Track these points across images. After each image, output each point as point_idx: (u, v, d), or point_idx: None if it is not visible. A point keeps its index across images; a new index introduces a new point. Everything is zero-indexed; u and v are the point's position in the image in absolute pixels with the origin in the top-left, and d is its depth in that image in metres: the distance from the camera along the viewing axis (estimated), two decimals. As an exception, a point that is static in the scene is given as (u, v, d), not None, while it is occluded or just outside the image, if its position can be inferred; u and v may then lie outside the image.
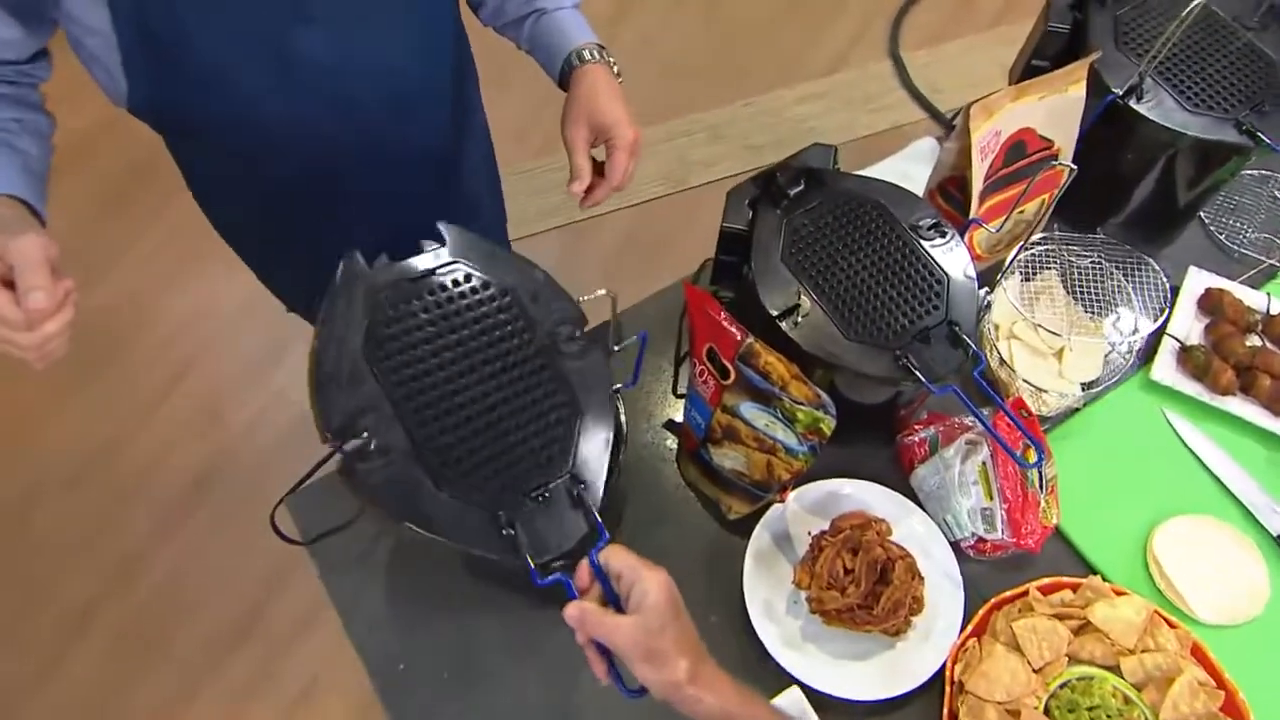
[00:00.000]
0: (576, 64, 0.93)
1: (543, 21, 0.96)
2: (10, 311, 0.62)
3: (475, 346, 0.69)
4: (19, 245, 0.63)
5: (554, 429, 0.69)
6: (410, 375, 0.67)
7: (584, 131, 0.91)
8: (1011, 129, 0.96)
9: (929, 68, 2.51)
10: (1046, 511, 0.94)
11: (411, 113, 0.92)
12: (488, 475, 0.66)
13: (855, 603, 0.89)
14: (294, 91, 0.81)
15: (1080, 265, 1.07)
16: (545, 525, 0.66)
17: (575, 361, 0.71)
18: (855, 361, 0.84)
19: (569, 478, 0.68)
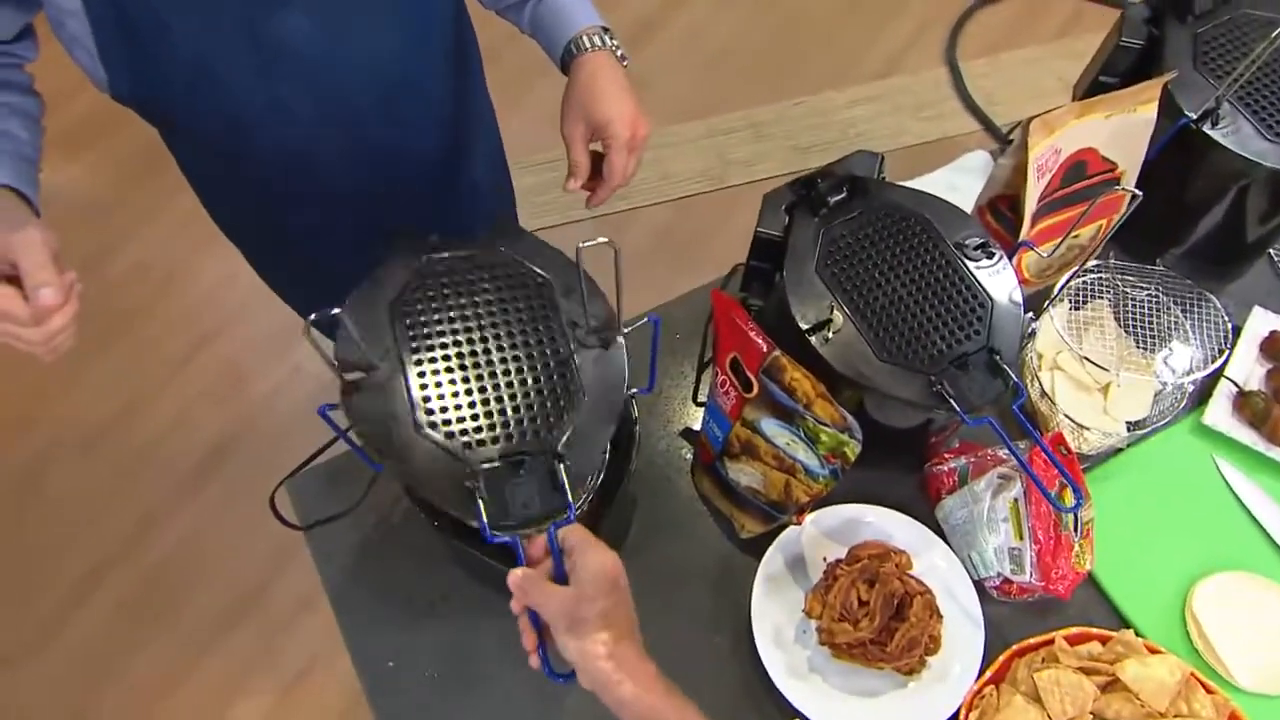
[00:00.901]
0: (576, 52, 0.87)
1: (545, 4, 0.90)
2: (17, 308, 0.61)
3: (495, 323, 0.71)
4: (22, 240, 0.62)
5: (551, 405, 0.68)
6: (425, 333, 0.69)
7: (581, 127, 0.85)
8: (1073, 148, 0.90)
9: (986, 78, 2.42)
10: (1080, 556, 0.88)
11: (401, 108, 0.88)
12: (470, 434, 0.66)
13: (868, 637, 0.84)
14: (277, 84, 0.78)
15: (1135, 297, 1.01)
16: (513, 492, 0.64)
17: (590, 353, 0.71)
18: (887, 384, 0.79)
19: (552, 455, 0.66)
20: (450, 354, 0.69)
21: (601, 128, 0.85)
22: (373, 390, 0.66)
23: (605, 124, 0.84)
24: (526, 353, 0.70)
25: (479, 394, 0.67)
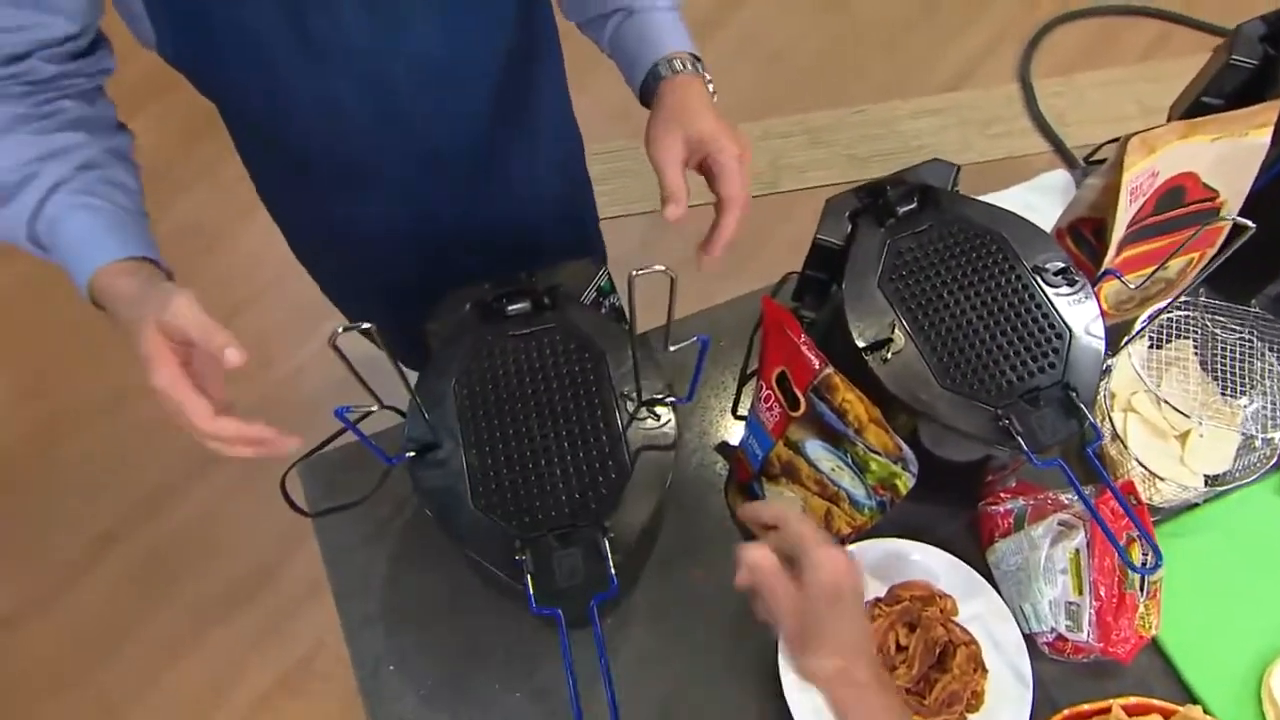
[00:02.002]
0: (666, 74, 0.77)
1: (630, 22, 0.81)
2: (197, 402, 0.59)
3: (551, 400, 0.73)
4: (180, 309, 0.57)
5: (599, 484, 0.69)
6: (484, 412, 0.72)
7: (677, 147, 0.73)
8: (1172, 171, 0.82)
9: (1059, 97, 2.32)
10: (1145, 619, 0.80)
11: (451, 104, 0.82)
12: (522, 505, 0.68)
13: (905, 686, 0.78)
14: (324, 74, 0.73)
15: (1225, 339, 0.92)
16: (559, 563, 0.65)
17: (642, 430, 0.71)
18: (948, 414, 0.73)
19: (598, 527, 0.67)
20: (509, 431, 0.71)
21: (705, 143, 0.73)
22: (435, 465, 0.70)
23: (711, 138, 0.73)
24: (581, 426, 0.71)
25: (533, 470, 0.69)
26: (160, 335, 0.58)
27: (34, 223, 0.65)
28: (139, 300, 0.60)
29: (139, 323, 0.59)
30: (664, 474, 0.69)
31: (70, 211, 0.64)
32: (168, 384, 0.58)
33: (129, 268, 0.64)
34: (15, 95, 0.64)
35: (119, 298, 0.62)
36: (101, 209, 0.65)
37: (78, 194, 0.65)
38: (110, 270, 0.63)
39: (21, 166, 0.64)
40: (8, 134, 0.64)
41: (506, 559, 0.65)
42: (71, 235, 0.64)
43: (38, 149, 0.64)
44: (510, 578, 0.65)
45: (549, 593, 0.64)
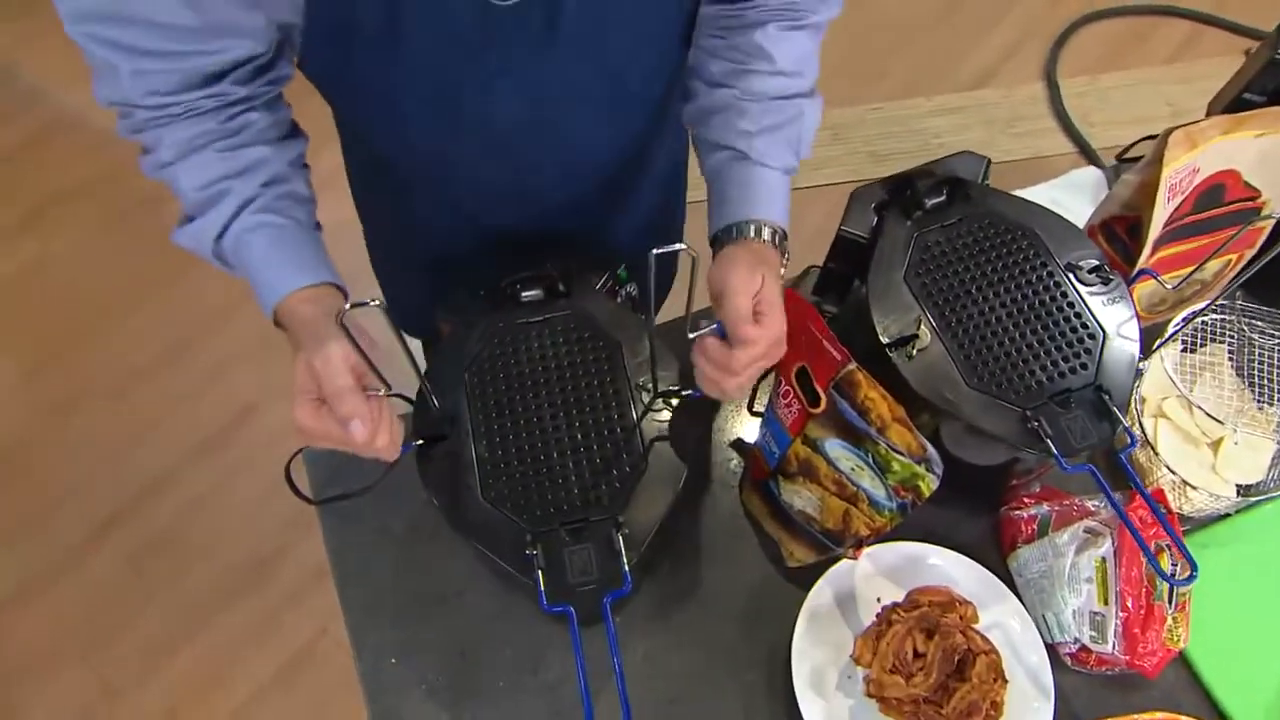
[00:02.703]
0: (752, 236, 0.71)
1: (739, 166, 0.74)
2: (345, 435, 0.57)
3: (564, 389, 0.71)
4: (324, 363, 0.57)
5: (613, 477, 0.67)
6: (495, 402, 0.70)
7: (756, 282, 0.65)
8: (1213, 168, 0.79)
9: (1085, 97, 2.28)
10: (1173, 631, 0.77)
11: (576, 176, 0.81)
12: (533, 498, 0.66)
13: (922, 695, 0.75)
14: (463, 142, 0.73)
15: (1262, 345, 0.89)
16: (571, 559, 0.63)
17: (657, 422, 0.69)
18: (974, 414, 0.70)
19: (612, 521, 0.65)
20: (520, 421, 0.69)
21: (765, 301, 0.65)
22: (444, 456, 0.68)
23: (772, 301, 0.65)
24: (594, 418, 0.69)
25: (545, 462, 0.67)
26: (305, 370, 0.58)
27: (220, 241, 0.66)
28: (310, 332, 0.60)
29: (299, 350, 0.60)
30: (679, 468, 0.67)
31: (255, 233, 0.65)
32: (306, 418, 0.57)
33: (310, 295, 0.64)
34: (206, 111, 0.64)
35: (300, 325, 0.62)
36: (285, 228, 0.66)
37: (263, 213, 0.65)
38: (294, 298, 0.64)
39: (211, 184, 0.65)
40: (198, 152, 0.64)
41: (517, 554, 0.63)
42: (257, 259, 0.65)
43: (226, 166, 0.65)
44: (521, 573, 0.63)
45: (560, 589, 0.62)
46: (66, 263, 2.05)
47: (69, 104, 2.29)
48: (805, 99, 0.75)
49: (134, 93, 0.61)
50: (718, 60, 0.75)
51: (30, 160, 2.20)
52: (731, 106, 0.74)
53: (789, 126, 0.74)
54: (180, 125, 0.64)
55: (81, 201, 2.13)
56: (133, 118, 0.64)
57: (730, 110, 0.74)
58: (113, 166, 2.17)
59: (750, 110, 0.73)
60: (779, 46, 0.72)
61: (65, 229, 2.10)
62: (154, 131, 0.64)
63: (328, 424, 0.56)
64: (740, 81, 0.74)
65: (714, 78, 0.75)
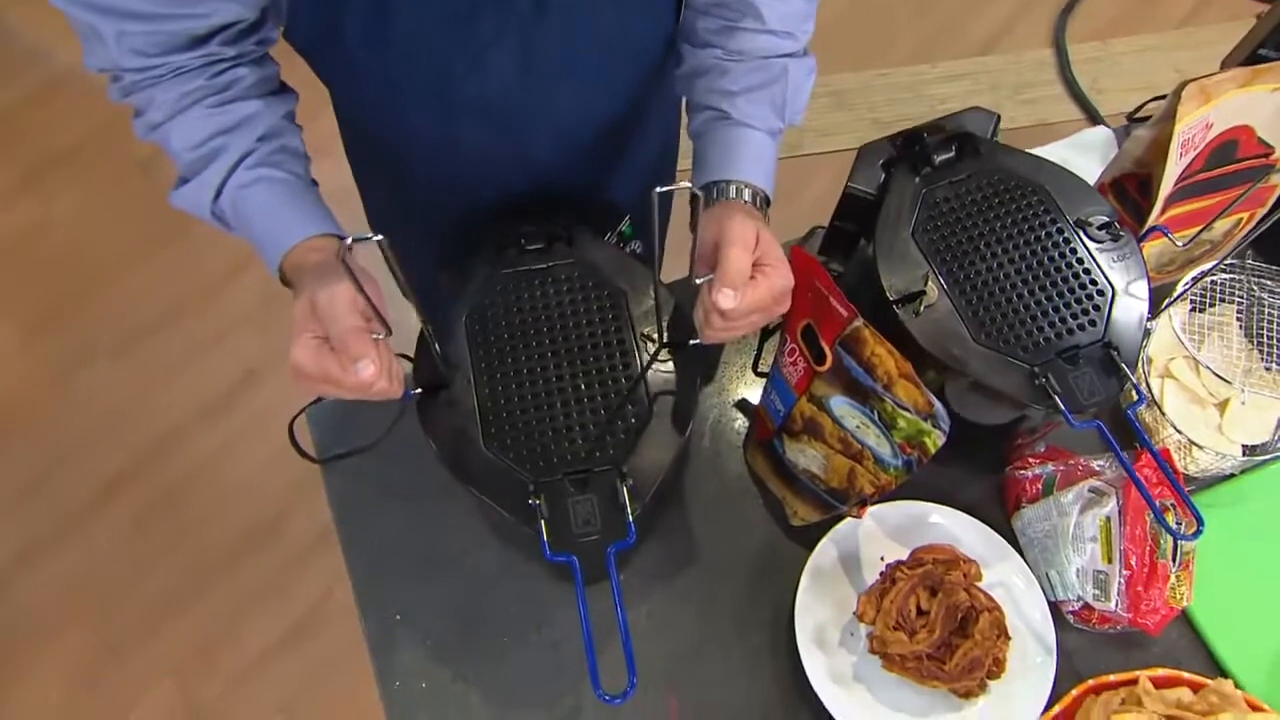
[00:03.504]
0: (735, 198, 0.69)
1: (719, 127, 0.73)
2: (345, 377, 0.56)
3: (567, 338, 0.70)
4: (331, 303, 0.55)
5: (617, 428, 0.66)
6: (497, 349, 0.69)
7: (752, 236, 0.62)
8: (1227, 124, 0.78)
9: (1094, 63, 2.25)
10: (1176, 590, 0.78)
11: (581, 153, 0.81)
12: (536, 448, 0.65)
13: (925, 651, 0.75)
14: (457, 118, 0.73)
15: (1271, 305, 0.89)
16: (575, 509, 0.62)
17: (662, 373, 0.68)
18: (981, 371, 0.70)
19: (616, 472, 0.64)
20: (523, 370, 0.68)
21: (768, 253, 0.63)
22: (445, 405, 0.67)
23: (775, 252, 0.64)
24: (598, 367, 0.68)
25: (548, 411, 0.66)
26: (308, 308, 0.56)
27: (217, 200, 0.65)
28: (316, 275, 0.58)
29: (301, 292, 0.58)
30: (685, 419, 0.66)
31: (252, 188, 0.64)
32: (305, 358, 0.55)
33: (318, 245, 0.64)
34: (193, 69, 0.63)
35: (307, 272, 0.61)
36: (284, 181, 0.66)
37: (259, 167, 0.65)
38: (301, 249, 0.63)
39: (204, 143, 0.64)
40: (188, 110, 0.63)
41: (519, 504, 0.63)
42: (257, 214, 0.65)
43: (218, 123, 0.64)
44: (524, 523, 0.63)
45: (564, 540, 0.62)
46: (67, 223, 2.04)
47: (68, 63, 2.26)
48: (792, 60, 0.74)
49: (119, 56, 0.61)
50: (707, 18, 0.73)
51: (30, 120, 2.18)
52: (715, 67, 0.73)
53: (773, 86, 0.73)
54: (168, 85, 0.63)
55: (82, 161, 2.12)
56: (121, 81, 0.64)
57: (714, 71, 0.73)
58: (112, 126, 2.15)
59: (733, 70, 0.73)
60: (770, 5, 0.71)
61: (66, 189, 2.08)
62: (144, 93, 0.64)
63: (327, 364, 0.55)
64: (727, 40, 0.73)
65: (701, 38, 0.74)
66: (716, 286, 0.59)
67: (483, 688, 0.78)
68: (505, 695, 0.78)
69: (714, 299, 0.59)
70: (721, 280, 0.59)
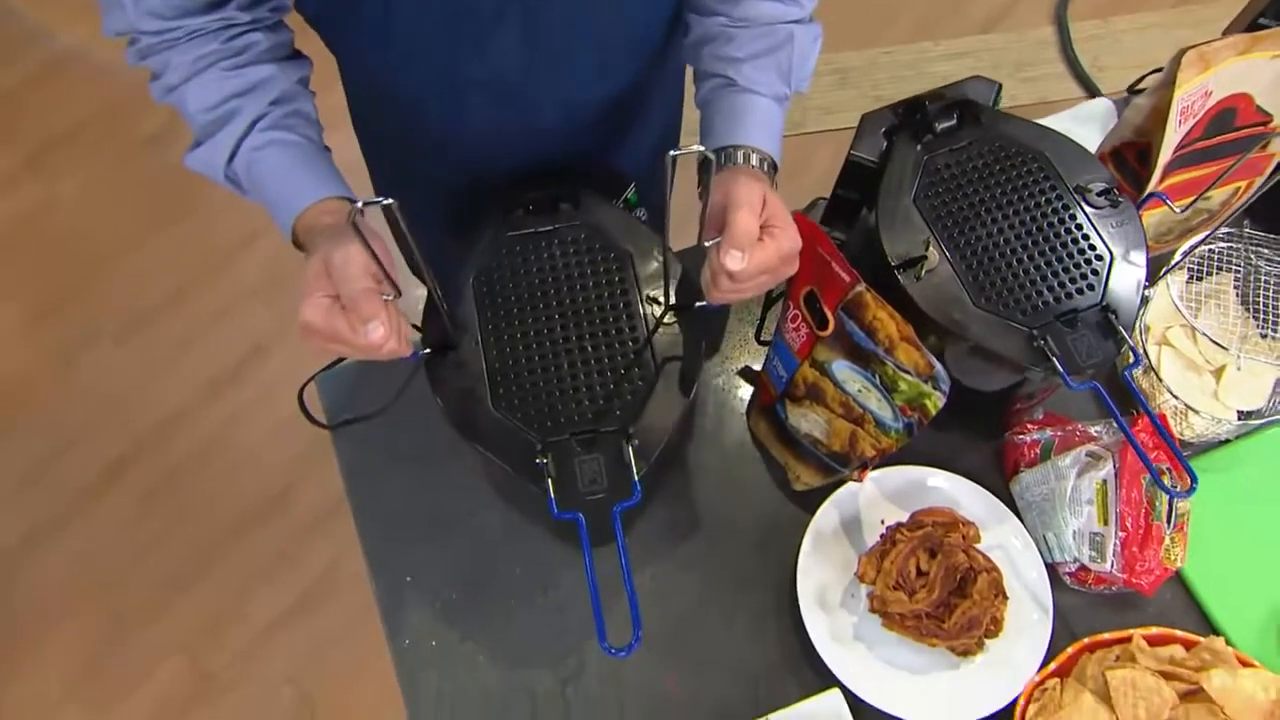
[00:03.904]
0: (741, 163, 0.69)
1: (725, 93, 0.74)
2: (355, 337, 0.56)
3: (575, 299, 0.71)
4: (344, 264, 0.55)
5: (624, 389, 0.67)
6: (505, 311, 0.70)
7: (758, 199, 0.62)
8: (1226, 91, 0.79)
9: (1095, 40, 2.24)
10: (1170, 551, 0.79)
11: (586, 130, 0.82)
12: (543, 408, 0.66)
13: (924, 610, 0.77)
14: (464, 93, 0.74)
15: (1267, 273, 0.90)
16: (581, 469, 0.64)
17: (666, 332, 0.69)
18: (981, 334, 0.71)
19: (622, 433, 0.65)
20: (530, 331, 0.69)
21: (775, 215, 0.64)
22: (454, 366, 0.67)
23: (782, 214, 0.64)
24: (605, 329, 0.69)
25: (555, 372, 0.67)
26: (321, 267, 0.56)
27: (231, 163, 0.66)
28: (329, 236, 0.59)
29: (314, 253, 0.58)
30: (690, 381, 0.67)
31: (266, 150, 0.65)
32: (315, 317, 0.56)
33: (332, 207, 0.64)
34: (209, 32, 0.64)
35: (320, 233, 0.62)
36: (297, 145, 0.67)
37: (273, 130, 0.66)
38: (315, 210, 0.64)
39: (218, 105, 0.65)
40: (204, 72, 0.64)
41: (527, 464, 0.64)
42: (270, 177, 0.66)
43: (233, 85, 0.65)
44: (531, 482, 0.64)
45: (570, 499, 0.63)
46: (72, 204, 2.04)
47: (70, 43, 2.26)
48: (797, 26, 0.75)
49: (137, 19, 0.62)
50: None
51: (32, 101, 2.18)
52: (721, 34, 0.74)
53: (778, 52, 0.74)
54: (184, 48, 0.64)
55: (85, 142, 2.12)
56: (139, 44, 0.65)
57: (720, 39, 0.74)
58: (115, 105, 2.15)
59: (738, 36, 0.73)
60: None
61: (69, 170, 2.08)
62: (160, 55, 0.65)
63: (337, 323, 0.55)
64: (733, 8, 0.73)
65: (707, 6, 0.75)
66: (724, 248, 0.60)
67: (490, 647, 0.80)
68: (512, 654, 0.79)
69: (722, 260, 0.60)
70: (729, 242, 0.59)
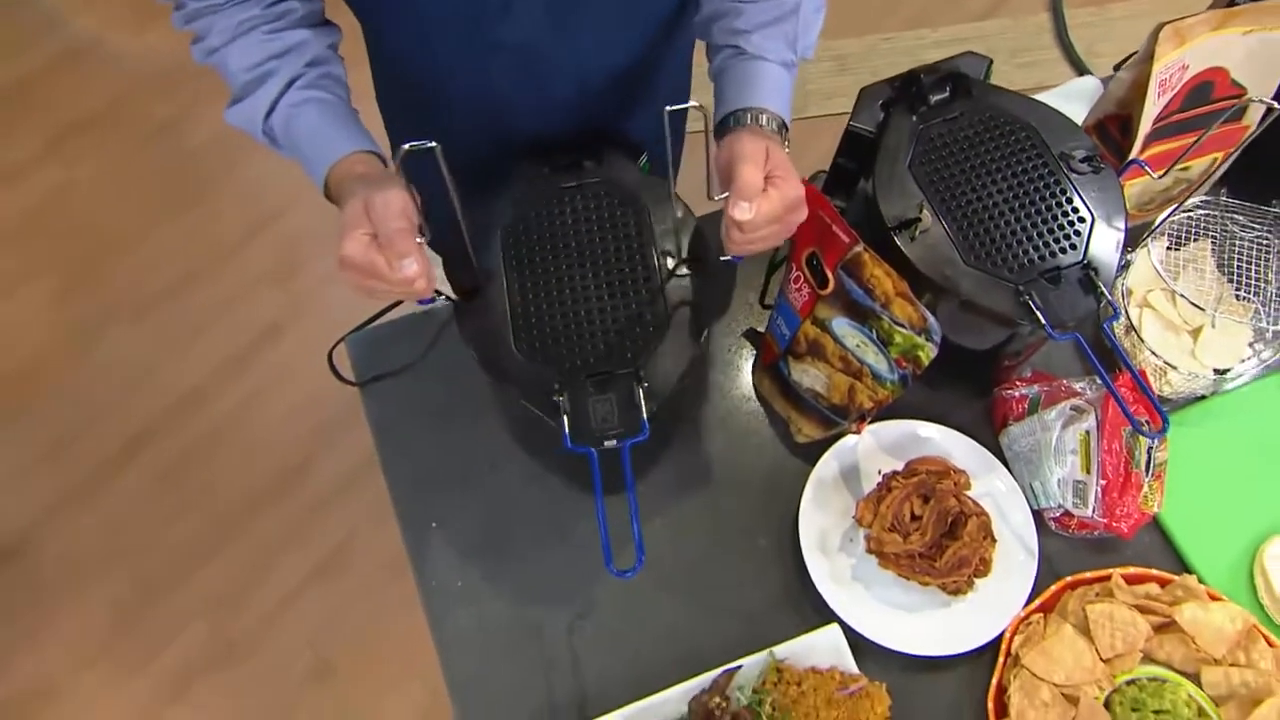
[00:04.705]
0: (750, 123, 0.74)
1: (737, 62, 0.79)
2: (390, 273, 0.61)
3: (593, 250, 0.75)
4: (385, 204, 0.60)
5: (638, 329, 0.72)
6: (528, 260, 0.75)
7: (762, 155, 0.67)
8: (1202, 65, 0.84)
9: (1090, 28, 2.29)
10: (1148, 497, 0.85)
11: (603, 94, 0.86)
12: (562, 350, 0.71)
13: (918, 550, 0.82)
14: (485, 59, 0.79)
15: (1242, 239, 0.95)
16: (594, 407, 0.69)
17: (678, 284, 0.74)
18: (971, 290, 0.76)
19: (634, 375, 0.70)
20: (551, 279, 0.74)
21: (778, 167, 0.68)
22: (479, 309, 0.72)
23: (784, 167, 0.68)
24: (620, 279, 0.73)
25: (574, 317, 0.72)
26: (362, 208, 0.61)
27: (269, 119, 0.72)
28: (367, 181, 0.64)
29: (352, 196, 0.63)
30: (700, 329, 0.72)
31: (303, 107, 0.71)
32: (356, 251, 0.61)
33: (363, 159, 0.70)
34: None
35: (355, 182, 0.66)
36: (330, 103, 0.73)
37: (309, 89, 0.72)
38: (349, 161, 0.70)
39: (258, 65, 0.71)
40: (245, 35, 0.70)
41: (545, 400, 0.69)
42: (306, 131, 0.71)
43: (271, 48, 0.71)
44: (548, 416, 0.69)
45: (584, 435, 0.68)
46: (90, 189, 2.09)
47: (82, 31, 2.30)
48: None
49: None
50: None
51: (49, 88, 2.23)
52: (731, 10, 0.80)
53: (784, 22, 0.80)
54: (227, 12, 0.70)
55: (100, 129, 2.17)
56: (185, 8, 0.71)
57: (729, 14, 0.80)
58: (127, 93, 2.20)
59: (747, 10, 0.79)
60: None
61: (87, 156, 2.13)
62: (204, 20, 0.71)
63: (374, 257, 0.60)
64: None
65: None
66: (732, 201, 0.65)
67: (511, 585, 0.85)
68: (530, 592, 0.85)
69: (730, 212, 0.65)
70: (736, 194, 0.64)
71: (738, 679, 0.78)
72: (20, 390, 1.84)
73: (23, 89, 2.23)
